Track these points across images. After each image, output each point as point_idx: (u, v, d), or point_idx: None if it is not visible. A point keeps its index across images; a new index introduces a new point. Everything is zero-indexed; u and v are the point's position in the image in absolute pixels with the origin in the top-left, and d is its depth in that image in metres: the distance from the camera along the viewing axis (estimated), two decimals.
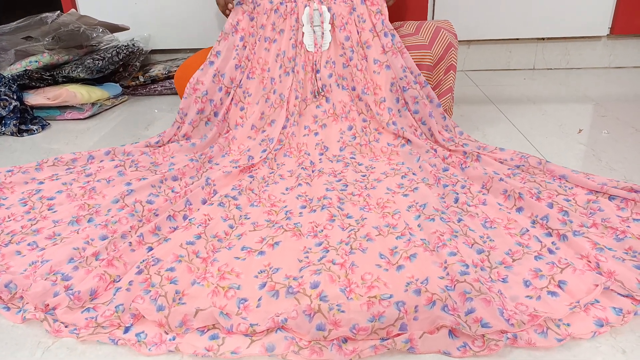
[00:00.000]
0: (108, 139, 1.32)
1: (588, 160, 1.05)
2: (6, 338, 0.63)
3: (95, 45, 1.68)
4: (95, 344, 0.61)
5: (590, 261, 0.69)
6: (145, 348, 0.59)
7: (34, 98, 1.46)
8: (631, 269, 0.67)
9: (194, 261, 0.72)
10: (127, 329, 0.62)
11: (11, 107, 1.39)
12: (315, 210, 0.85)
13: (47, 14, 1.49)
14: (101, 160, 1.11)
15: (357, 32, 1.16)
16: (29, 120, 1.43)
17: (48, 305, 0.65)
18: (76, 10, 1.80)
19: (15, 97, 1.40)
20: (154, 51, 1.93)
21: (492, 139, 1.19)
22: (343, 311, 0.60)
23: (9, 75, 1.45)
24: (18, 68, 1.52)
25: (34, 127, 1.40)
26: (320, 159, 1.07)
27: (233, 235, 0.80)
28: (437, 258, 0.70)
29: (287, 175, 1.01)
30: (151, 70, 1.76)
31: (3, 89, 1.40)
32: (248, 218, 0.85)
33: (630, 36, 1.76)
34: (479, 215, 0.82)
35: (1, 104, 1.39)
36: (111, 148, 1.13)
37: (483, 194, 0.88)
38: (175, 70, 1.73)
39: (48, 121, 1.47)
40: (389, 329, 0.59)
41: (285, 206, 0.88)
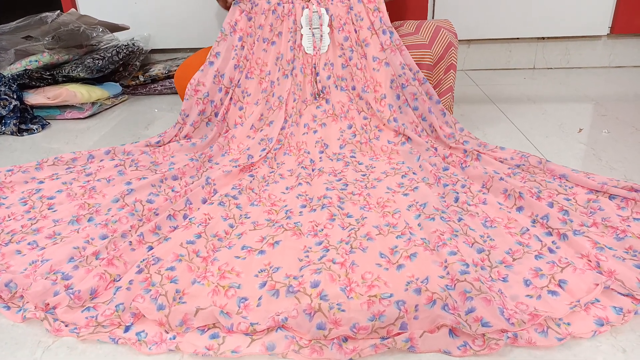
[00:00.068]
0: (108, 139, 1.32)
1: (588, 159, 1.05)
2: (6, 337, 0.63)
3: (95, 45, 1.68)
4: (95, 343, 0.61)
5: (590, 260, 0.69)
6: (146, 347, 0.59)
7: (34, 97, 1.46)
8: (631, 268, 0.67)
9: (194, 260, 0.72)
10: (128, 328, 0.62)
11: (11, 107, 1.39)
12: (315, 209, 0.85)
13: (47, 14, 1.49)
14: (101, 160, 1.10)
15: (355, 31, 1.16)
16: (29, 119, 1.43)
17: (48, 304, 0.65)
18: (76, 9, 1.80)
19: (15, 97, 1.40)
20: (154, 51, 1.93)
21: (493, 139, 1.18)
22: (343, 310, 0.60)
23: (9, 75, 1.44)
24: (18, 67, 1.52)
25: (34, 127, 1.39)
26: (320, 157, 1.07)
27: (233, 234, 0.80)
28: (438, 257, 0.70)
29: (287, 175, 1.01)
30: (151, 69, 1.76)
31: (3, 89, 1.40)
32: (248, 217, 0.85)
33: (630, 36, 1.76)
34: (479, 215, 0.82)
35: (1, 103, 1.38)
36: (111, 147, 1.13)
37: (483, 194, 0.88)
38: (175, 70, 1.73)
39: (48, 120, 1.47)
40: (389, 328, 0.58)
41: (286, 205, 0.88)
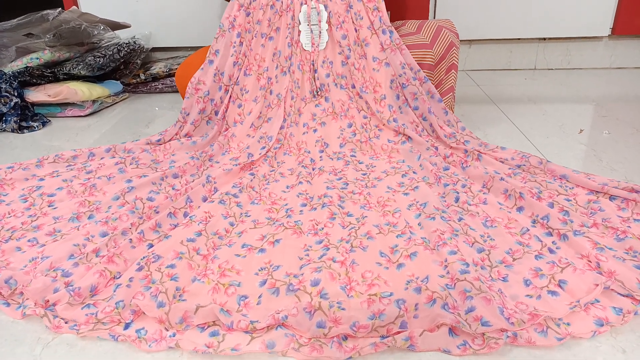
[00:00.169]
0: (109, 137, 1.32)
1: (589, 160, 1.05)
2: (6, 334, 0.63)
3: (96, 43, 1.68)
4: (95, 341, 0.61)
5: (590, 261, 0.69)
6: (146, 344, 0.59)
7: (35, 95, 1.46)
8: (631, 269, 0.67)
9: (195, 258, 0.72)
10: (127, 325, 0.62)
11: (12, 104, 1.39)
12: (315, 208, 0.85)
13: (49, 11, 1.49)
14: (102, 158, 1.11)
15: (355, 30, 1.15)
16: (29, 117, 1.43)
17: (48, 301, 0.65)
18: (77, 7, 1.80)
19: (16, 94, 1.40)
20: (155, 49, 1.93)
21: (493, 139, 1.18)
22: (343, 309, 0.60)
23: (10, 72, 1.45)
24: (19, 65, 1.52)
25: (35, 124, 1.40)
26: (320, 156, 1.07)
27: (233, 232, 0.80)
28: (438, 257, 0.70)
29: (288, 174, 1.01)
30: (152, 68, 1.76)
31: (4, 86, 1.40)
32: (249, 216, 0.85)
33: (631, 37, 1.76)
34: (479, 215, 0.82)
35: (2, 100, 1.39)
36: (112, 145, 1.13)
37: (484, 193, 0.88)
38: (176, 68, 1.73)
39: (49, 118, 1.47)
40: (389, 327, 0.59)
41: (286, 204, 0.88)
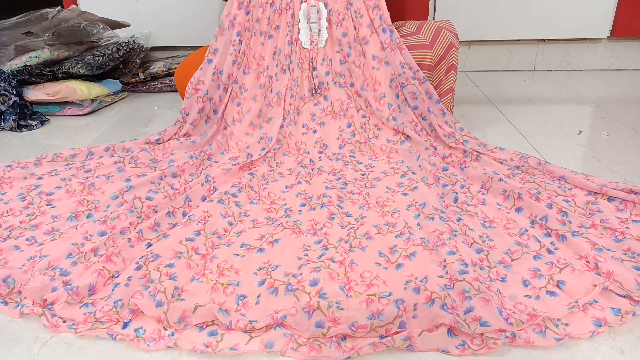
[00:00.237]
0: (107, 136, 1.32)
1: (588, 161, 1.05)
2: (4, 333, 0.63)
3: (95, 42, 1.68)
4: (93, 340, 0.61)
5: (589, 261, 0.69)
6: (144, 343, 0.59)
7: (34, 94, 1.46)
8: (630, 270, 0.67)
9: (193, 257, 0.72)
10: (126, 325, 0.62)
11: (10, 103, 1.39)
12: (314, 208, 0.85)
13: (48, 10, 1.49)
14: (100, 157, 1.10)
15: (355, 28, 1.14)
16: (28, 115, 1.42)
17: (46, 300, 0.65)
18: (77, 6, 1.79)
19: (14, 93, 1.40)
20: (154, 48, 1.93)
21: (492, 140, 1.18)
22: (342, 309, 0.60)
23: (9, 71, 1.44)
24: (18, 63, 1.52)
25: (33, 123, 1.39)
26: (319, 157, 1.07)
27: (232, 232, 0.80)
28: (436, 257, 0.70)
29: (287, 174, 1.01)
30: (151, 67, 1.76)
31: (2, 84, 1.39)
32: (247, 215, 0.85)
33: (630, 38, 1.76)
34: (478, 215, 0.82)
35: (0, 99, 1.38)
36: (111, 144, 1.13)
37: (482, 194, 0.88)
38: (176, 68, 1.73)
39: (47, 117, 1.46)
40: (387, 327, 0.58)
41: (285, 204, 0.88)
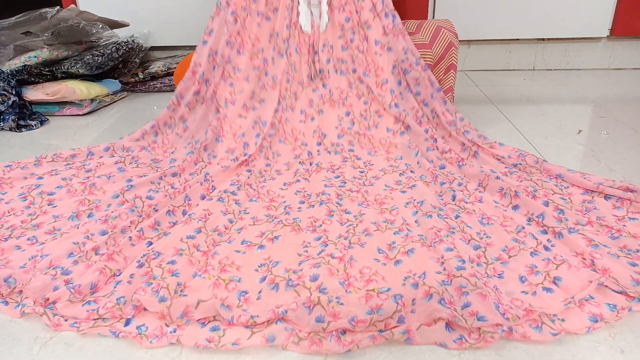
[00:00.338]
0: (107, 135, 1.32)
1: (587, 161, 1.06)
2: (3, 333, 0.63)
3: (94, 41, 1.68)
4: (93, 340, 0.61)
5: (585, 258, 0.70)
6: (147, 340, 0.60)
7: (33, 93, 1.46)
8: (626, 266, 0.67)
9: (195, 254, 0.73)
10: (128, 322, 0.62)
11: (10, 103, 1.39)
12: (313, 205, 0.86)
13: (47, 9, 1.49)
14: (100, 157, 1.11)
15: (356, 12, 1.11)
16: (27, 115, 1.43)
17: (48, 299, 0.65)
18: (76, 5, 1.79)
19: (14, 93, 1.40)
20: (153, 48, 1.93)
21: (492, 139, 1.19)
22: (342, 304, 0.60)
23: (8, 71, 1.44)
24: (17, 63, 1.52)
25: (33, 123, 1.39)
26: (318, 150, 1.06)
27: (233, 229, 0.80)
28: (434, 253, 0.70)
29: (284, 169, 1.01)
30: (151, 67, 1.76)
31: (2, 84, 1.40)
32: (247, 213, 0.85)
33: (630, 38, 1.77)
34: (475, 212, 0.83)
35: (0, 99, 1.38)
36: (110, 144, 1.14)
37: (480, 192, 0.89)
38: (175, 67, 1.73)
39: (47, 117, 1.47)
40: (387, 322, 0.59)
41: (284, 201, 0.89)
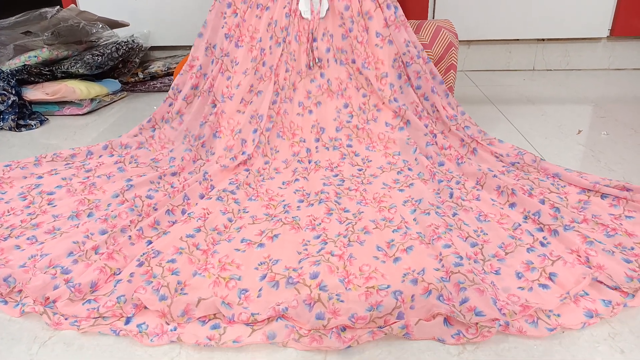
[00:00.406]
0: (107, 135, 1.32)
1: (587, 161, 1.06)
2: (3, 332, 0.63)
3: (94, 41, 1.68)
4: (93, 339, 0.61)
5: (580, 256, 0.70)
6: (147, 339, 0.60)
7: (33, 93, 1.46)
8: (620, 263, 0.68)
9: (195, 253, 0.73)
10: (128, 320, 0.62)
11: (9, 102, 1.39)
12: (312, 204, 0.86)
13: (47, 9, 1.49)
14: (100, 156, 1.11)
15: (358, 1, 1.09)
16: (27, 115, 1.42)
17: (48, 298, 0.65)
18: (76, 5, 1.79)
19: (13, 92, 1.40)
20: (153, 48, 1.93)
21: (492, 136, 1.18)
22: (342, 301, 0.61)
23: (8, 70, 1.44)
24: (17, 63, 1.52)
25: (33, 122, 1.39)
26: (316, 146, 1.05)
27: (232, 228, 0.81)
28: (433, 250, 0.71)
29: (283, 168, 1.02)
30: (150, 66, 1.76)
31: (1, 84, 1.40)
32: (247, 212, 0.86)
33: (630, 38, 1.77)
34: (473, 210, 0.83)
35: (0, 98, 1.38)
36: (108, 142, 1.14)
37: (477, 190, 0.89)
38: (175, 67, 1.73)
39: (46, 116, 1.47)
40: (386, 318, 0.60)
41: (283, 200, 0.89)
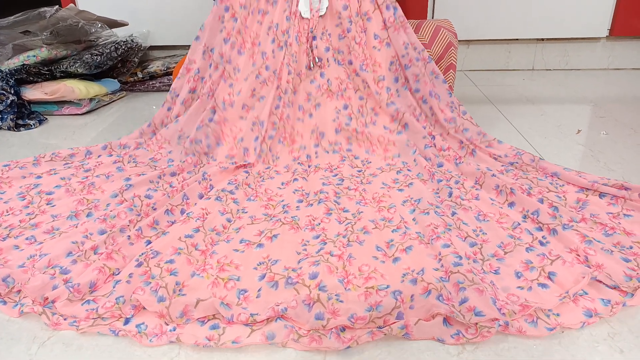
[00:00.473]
0: (106, 135, 1.32)
1: (586, 160, 1.06)
2: (2, 333, 0.63)
3: (93, 41, 1.68)
4: (91, 340, 0.61)
5: (579, 255, 0.70)
6: (146, 339, 0.60)
7: (32, 93, 1.46)
8: (619, 262, 0.68)
9: (193, 254, 0.73)
10: (127, 321, 0.62)
11: (8, 102, 1.38)
12: (312, 204, 0.86)
13: (46, 9, 1.49)
14: (99, 155, 1.11)
15: (357, 1, 1.07)
16: (26, 115, 1.42)
17: (47, 298, 0.65)
18: (75, 5, 1.79)
19: (12, 92, 1.40)
20: (152, 47, 1.93)
21: (491, 136, 1.18)
22: (341, 301, 0.61)
23: (7, 70, 1.44)
24: (16, 62, 1.52)
25: (31, 122, 1.39)
26: (316, 151, 1.05)
27: (231, 228, 0.81)
28: (432, 250, 0.71)
29: (284, 171, 1.02)
30: (150, 66, 1.76)
31: (0, 84, 1.39)
32: (246, 212, 0.85)
33: (629, 38, 1.77)
34: (472, 209, 0.83)
35: None
36: (107, 142, 1.14)
37: (476, 189, 0.89)
38: (174, 67, 1.73)
39: (45, 116, 1.46)
40: (386, 318, 0.59)
41: (282, 200, 0.89)
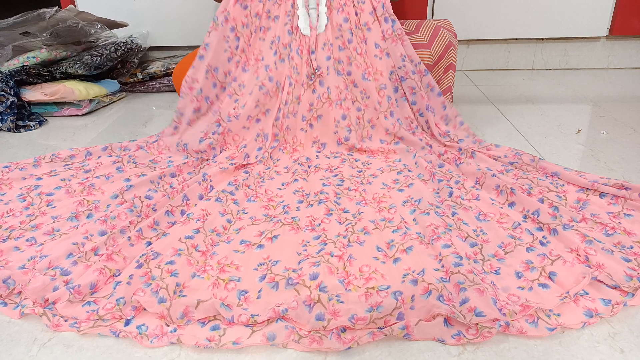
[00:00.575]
0: (106, 136, 1.32)
1: (586, 160, 1.06)
2: (2, 334, 0.62)
3: (93, 42, 1.68)
4: (92, 341, 0.61)
5: (579, 255, 0.70)
6: (147, 340, 0.60)
7: (32, 94, 1.46)
8: (619, 262, 0.68)
9: (194, 255, 0.73)
10: (128, 322, 0.62)
11: (8, 103, 1.38)
12: (312, 204, 0.86)
13: (45, 10, 1.48)
14: (99, 157, 1.11)
15: (356, 14, 1.11)
16: (26, 116, 1.42)
17: (48, 299, 0.65)
18: (74, 6, 1.79)
19: (12, 93, 1.40)
20: (152, 48, 1.93)
21: (491, 139, 1.19)
22: (342, 302, 0.61)
23: (6, 71, 1.44)
24: (15, 64, 1.52)
25: (31, 123, 1.39)
26: (317, 155, 1.07)
27: (231, 229, 0.81)
28: (432, 251, 0.71)
29: (284, 172, 1.02)
30: (149, 67, 1.76)
31: (0, 85, 1.39)
32: (246, 213, 0.86)
33: (628, 37, 1.77)
34: (472, 209, 0.83)
35: None
36: (108, 144, 1.14)
37: (476, 189, 0.89)
38: (174, 68, 1.73)
39: (45, 117, 1.46)
40: (386, 318, 0.59)
41: (282, 201, 0.89)
